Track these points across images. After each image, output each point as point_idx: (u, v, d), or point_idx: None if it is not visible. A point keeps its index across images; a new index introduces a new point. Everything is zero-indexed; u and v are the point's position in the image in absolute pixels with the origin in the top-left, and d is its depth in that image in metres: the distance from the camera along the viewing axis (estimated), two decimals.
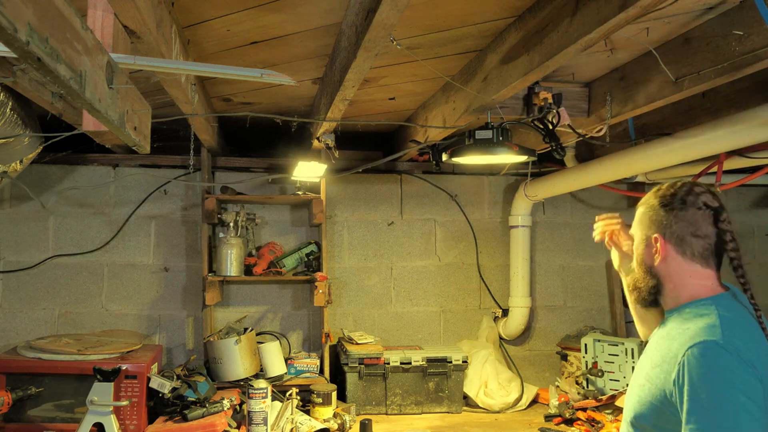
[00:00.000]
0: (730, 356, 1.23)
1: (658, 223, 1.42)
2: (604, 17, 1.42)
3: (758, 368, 1.23)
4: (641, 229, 1.47)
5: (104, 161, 3.35)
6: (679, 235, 1.39)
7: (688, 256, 1.40)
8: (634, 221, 1.51)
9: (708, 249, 1.40)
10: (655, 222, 1.43)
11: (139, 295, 3.38)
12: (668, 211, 1.41)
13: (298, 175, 3.01)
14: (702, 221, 1.39)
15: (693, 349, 1.25)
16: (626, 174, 2.88)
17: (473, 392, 3.28)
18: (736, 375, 1.21)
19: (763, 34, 1.57)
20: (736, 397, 1.19)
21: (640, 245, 1.47)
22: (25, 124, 2.25)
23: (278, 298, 3.50)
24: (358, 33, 1.60)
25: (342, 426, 2.83)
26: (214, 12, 1.78)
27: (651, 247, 1.43)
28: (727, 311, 1.35)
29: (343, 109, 2.26)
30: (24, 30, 0.80)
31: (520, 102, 2.39)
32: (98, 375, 2.46)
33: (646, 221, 1.45)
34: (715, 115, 2.27)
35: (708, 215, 1.39)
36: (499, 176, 3.74)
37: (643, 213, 1.47)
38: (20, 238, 3.30)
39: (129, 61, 1.37)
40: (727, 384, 1.21)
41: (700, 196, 1.40)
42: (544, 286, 3.74)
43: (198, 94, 2.21)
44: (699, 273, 1.41)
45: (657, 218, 1.42)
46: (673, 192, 1.42)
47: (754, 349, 1.27)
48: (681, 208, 1.40)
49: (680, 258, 1.40)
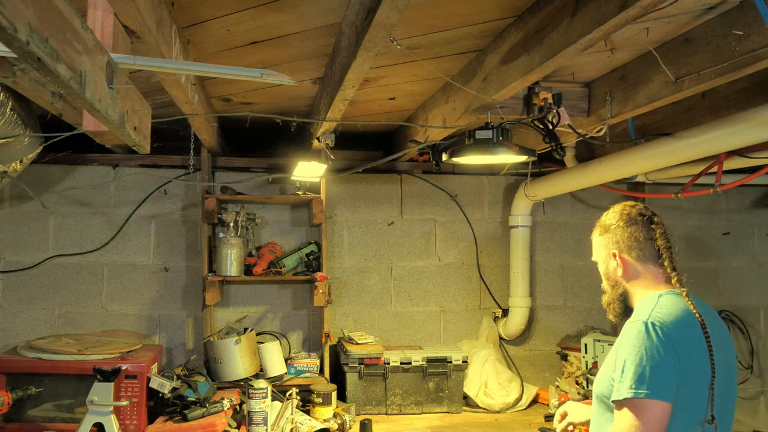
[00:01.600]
0: (647, 328, 1.53)
1: (612, 242, 1.73)
2: (604, 17, 1.42)
3: (675, 341, 1.51)
4: (601, 252, 1.77)
5: (104, 161, 3.35)
6: (629, 245, 1.70)
7: (642, 260, 1.70)
8: (594, 250, 1.81)
9: (654, 249, 1.69)
10: (609, 242, 1.74)
11: (139, 295, 3.38)
12: (614, 230, 1.73)
13: (298, 175, 3.01)
14: (642, 229, 1.70)
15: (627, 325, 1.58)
16: (626, 174, 2.88)
17: (473, 392, 3.28)
18: (649, 340, 1.51)
19: (763, 34, 1.57)
20: (643, 354, 1.49)
21: (603, 265, 1.77)
22: (25, 124, 2.25)
23: (278, 298, 3.50)
24: (358, 33, 1.60)
25: (342, 426, 2.83)
26: (214, 12, 1.78)
27: (613, 262, 1.73)
28: (666, 302, 1.61)
29: (343, 109, 2.26)
30: (24, 30, 0.80)
31: (520, 102, 2.39)
32: (98, 375, 2.46)
33: (603, 244, 1.76)
34: (715, 115, 2.27)
35: (645, 222, 1.70)
36: (499, 176, 3.74)
37: (598, 240, 1.78)
38: (20, 238, 3.30)
39: (129, 61, 1.37)
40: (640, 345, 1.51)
41: (633, 209, 1.73)
42: (544, 286, 3.74)
43: (198, 94, 2.21)
44: (653, 271, 1.69)
45: (611, 239, 1.73)
46: (613, 215, 1.75)
47: (680, 329, 1.54)
48: (624, 225, 1.71)
49: (636, 263, 1.70)
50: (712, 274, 3.85)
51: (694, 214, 3.86)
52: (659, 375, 1.47)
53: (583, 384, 3.12)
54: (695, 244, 3.84)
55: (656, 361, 1.48)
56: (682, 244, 3.83)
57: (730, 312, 3.79)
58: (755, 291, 3.88)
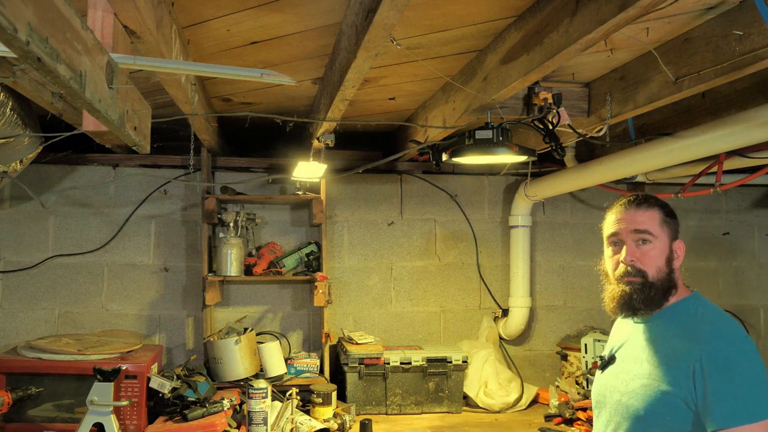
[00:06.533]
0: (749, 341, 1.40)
1: (676, 230, 1.56)
2: (604, 17, 1.41)
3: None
4: (663, 231, 1.55)
5: (104, 161, 3.35)
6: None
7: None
8: (650, 224, 1.54)
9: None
10: (674, 229, 1.56)
11: (139, 295, 3.38)
12: (676, 220, 1.58)
13: (298, 175, 3.01)
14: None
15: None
16: (626, 174, 2.88)
17: (473, 392, 3.28)
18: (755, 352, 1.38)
19: (763, 34, 1.57)
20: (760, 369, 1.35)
21: (661, 249, 1.54)
22: (25, 124, 2.25)
23: (278, 298, 3.50)
24: (358, 33, 1.60)
25: (342, 426, 2.83)
26: (214, 12, 1.78)
27: (673, 252, 1.55)
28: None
29: (343, 109, 2.26)
30: (24, 30, 0.80)
31: (520, 102, 2.39)
32: (98, 375, 2.46)
33: (671, 226, 1.56)
34: (715, 115, 2.27)
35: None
36: (499, 176, 3.74)
37: (664, 219, 1.56)
38: (20, 238, 3.30)
39: (129, 61, 1.37)
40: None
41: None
42: (544, 286, 3.74)
43: (198, 94, 2.21)
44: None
45: (676, 226, 1.56)
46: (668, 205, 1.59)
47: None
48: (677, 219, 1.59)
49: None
50: (712, 274, 3.85)
51: (694, 214, 3.86)
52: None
53: (583, 384, 3.11)
54: (695, 244, 3.84)
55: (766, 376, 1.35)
56: None
57: (730, 312, 3.78)
58: (755, 291, 3.88)
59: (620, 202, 1.59)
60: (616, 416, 1.51)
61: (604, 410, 1.58)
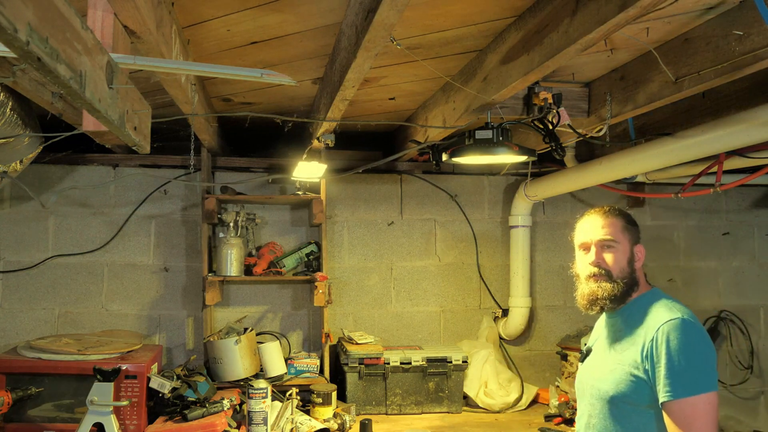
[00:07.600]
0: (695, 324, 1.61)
1: (637, 236, 1.80)
2: (604, 17, 1.41)
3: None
4: (624, 237, 1.78)
5: (104, 161, 3.35)
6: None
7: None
8: (613, 232, 1.78)
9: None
10: (635, 235, 1.80)
11: (139, 295, 3.38)
12: (636, 227, 1.82)
13: (298, 175, 3.01)
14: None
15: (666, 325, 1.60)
16: (626, 174, 2.88)
17: (473, 392, 3.28)
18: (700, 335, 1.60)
19: (763, 34, 1.57)
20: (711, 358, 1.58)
21: (623, 252, 1.77)
22: (25, 124, 2.25)
23: (278, 298, 3.50)
24: (358, 33, 1.60)
25: (342, 426, 2.83)
26: (214, 12, 1.78)
27: (634, 255, 1.78)
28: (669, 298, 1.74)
29: (343, 109, 2.26)
30: (24, 30, 0.80)
31: (520, 102, 2.39)
32: (98, 375, 2.46)
33: (631, 232, 1.79)
34: (715, 115, 2.27)
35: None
36: (499, 176, 3.74)
37: (625, 227, 1.79)
38: (20, 238, 3.30)
39: (129, 61, 1.37)
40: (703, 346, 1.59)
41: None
42: (544, 286, 3.74)
43: (198, 94, 2.21)
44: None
45: (636, 233, 1.80)
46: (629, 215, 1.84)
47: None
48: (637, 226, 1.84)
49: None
50: (712, 274, 3.85)
51: (694, 214, 3.86)
52: (713, 368, 1.57)
53: None
54: (695, 244, 3.84)
55: (711, 355, 1.57)
56: (682, 244, 3.83)
57: (730, 312, 3.78)
58: (755, 291, 3.88)
59: (588, 213, 1.86)
60: (592, 399, 1.74)
61: (584, 397, 1.81)
